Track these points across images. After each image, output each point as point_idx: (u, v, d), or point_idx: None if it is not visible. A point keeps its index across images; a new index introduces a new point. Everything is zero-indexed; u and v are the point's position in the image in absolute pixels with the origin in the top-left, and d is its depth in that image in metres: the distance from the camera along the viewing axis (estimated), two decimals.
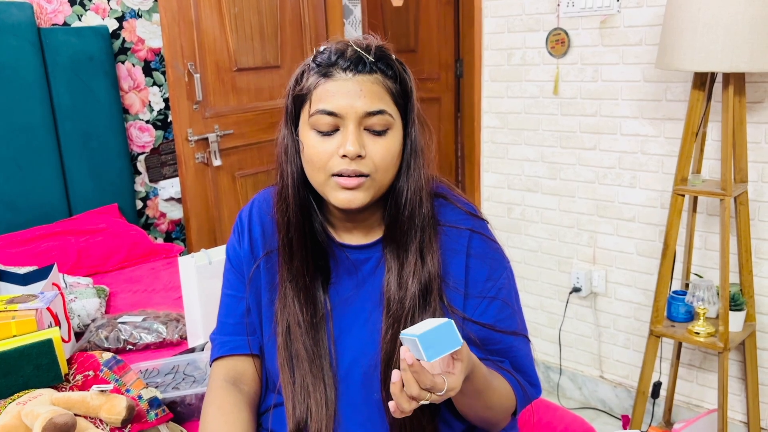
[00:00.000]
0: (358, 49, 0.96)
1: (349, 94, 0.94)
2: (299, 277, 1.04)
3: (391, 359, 1.01)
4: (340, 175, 0.96)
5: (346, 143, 0.94)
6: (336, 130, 0.96)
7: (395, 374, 0.85)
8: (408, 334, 0.85)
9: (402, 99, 0.99)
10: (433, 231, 1.03)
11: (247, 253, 1.11)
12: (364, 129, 0.96)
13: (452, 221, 1.05)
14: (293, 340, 1.04)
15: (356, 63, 0.95)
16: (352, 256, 1.06)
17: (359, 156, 0.95)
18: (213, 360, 1.14)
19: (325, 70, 0.96)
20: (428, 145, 1.03)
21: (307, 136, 0.98)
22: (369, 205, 1.00)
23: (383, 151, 0.96)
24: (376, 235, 1.07)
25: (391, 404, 0.87)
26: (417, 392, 0.83)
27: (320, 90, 0.96)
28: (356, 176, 0.95)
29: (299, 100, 1.00)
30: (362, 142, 0.95)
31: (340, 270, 1.07)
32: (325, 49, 0.99)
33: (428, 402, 0.85)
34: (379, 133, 0.96)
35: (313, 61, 0.99)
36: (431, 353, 0.82)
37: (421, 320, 1.01)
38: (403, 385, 0.84)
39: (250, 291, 1.11)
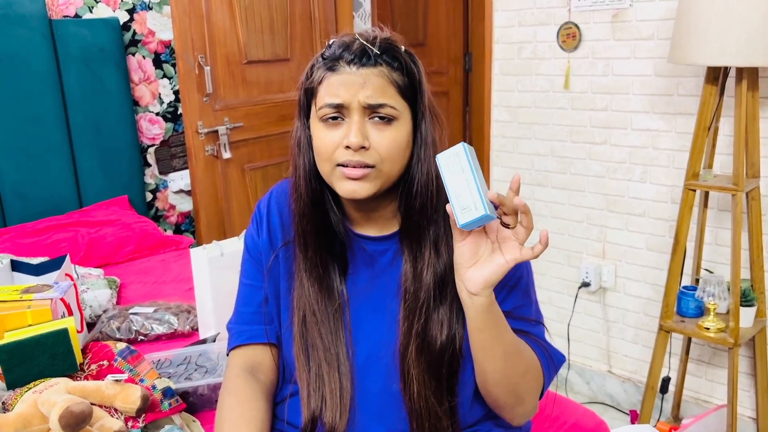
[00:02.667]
0: (363, 42, 0.97)
1: (352, 86, 0.95)
2: (314, 267, 1.05)
3: (407, 351, 1.01)
4: (345, 165, 0.97)
5: (350, 134, 0.95)
6: (342, 121, 0.97)
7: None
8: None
9: (410, 91, 0.99)
10: (449, 223, 1.03)
11: (266, 243, 1.12)
12: (369, 119, 0.97)
13: None
14: (309, 328, 1.05)
15: (360, 56, 0.96)
16: (369, 247, 1.07)
17: (363, 147, 0.95)
18: (230, 349, 1.15)
19: (331, 63, 0.97)
20: (441, 138, 1.04)
21: (316, 127, 0.99)
22: (376, 195, 1.00)
23: (388, 142, 0.96)
24: (393, 227, 1.07)
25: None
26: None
27: (326, 83, 0.97)
28: (361, 167, 0.96)
29: (309, 93, 1.01)
30: (366, 133, 0.96)
31: (357, 261, 1.07)
32: (332, 43, 1.00)
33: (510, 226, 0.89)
34: (385, 124, 0.97)
35: (321, 55, 1.00)
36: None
37: (437, 313, 1.01)
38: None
39: (269, 280, 1.11)
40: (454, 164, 0.89)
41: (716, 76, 2.10)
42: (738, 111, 2.04)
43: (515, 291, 1.05)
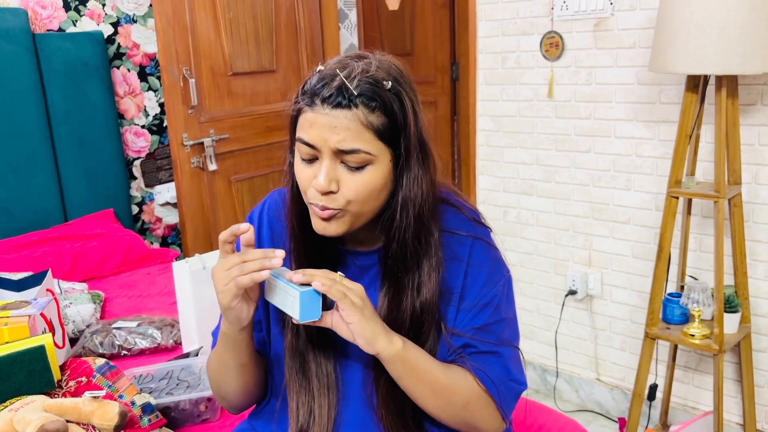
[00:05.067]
0: (344, 79, 0.92)
1: (323, 128, 0.92)
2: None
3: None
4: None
5: (319, 176, 0.93)
6: (316, 159, 0.95)
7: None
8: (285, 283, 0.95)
9: (390, 132, 0.95)
10: (435, 266, 1.02)
11: None
12: (341, 163, 0.94)
13: (455, 228, 1.05)
14: (301, 344, 1.05)
15: (336, 95, 0.91)
16: (358, 261, 1.07)
17: (331, 192, 0.94)
18: None
19: (308, 99, 0.94)
20: (433, 171, 1.00)
21: (296, 157, 0.99)
22: (351, 231, 0.99)
23: (358, 187, 0.94)
24: (380, 242, 1.07)
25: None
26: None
27: (302, 118, 0.95)
28: (327, 209, 0.95)
29: (294, 119, 0.99)
30: (335, 177, 0.93)
31: (347, 275, 1.07)
32: (317, 72, 0.96)
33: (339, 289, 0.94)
34: (356, 169, 0.94)
35: (304, 85, 0.97)
36: (304, 314, 0.94)
37: (417, 338, 1.02)
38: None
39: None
40: (269, 288, 0.97)
41: (696, 84, 2.12)
42: (718, 118, 2.06)
43: (486, 308, 1.04)
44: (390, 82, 0.94)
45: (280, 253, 0.93)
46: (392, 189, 0.99)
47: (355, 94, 0.91)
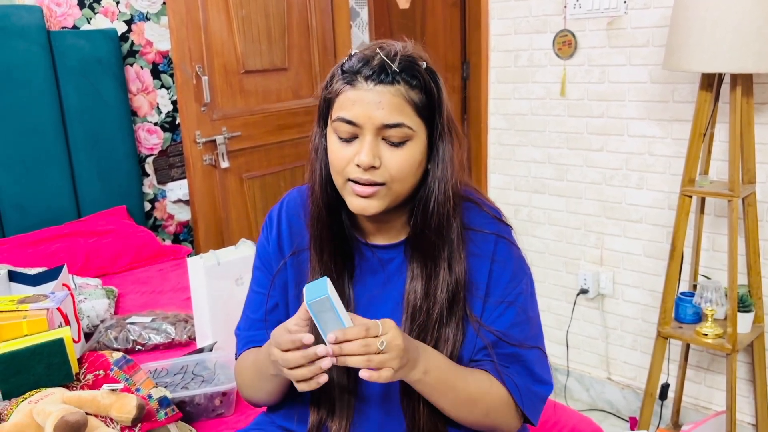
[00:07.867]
0: (384, 58, 0.95)
1: (368, 104, 0.94)
2: (328, 271, 1.06)
3: None
4: (355, 181, 0.97)
5: (361, 153, 0.95)
6: (355, 137, 0.97)
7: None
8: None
9: (427, 109, 0.98)
10: (462, 240, 1.03)
11: (275, 250, 1.13)
12: (383, 139, 0.96)
13: (478, 225, 1.06)
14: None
15: (379, 73, 0.95)
16: (378, 254, 1.08)
17: (373, 167, 0.95)
18: (238, 354, 1.17)
19: (350, 77, 0.96)
20: (459, 154, 1.03)
21: (330, 139, 1.00)
22: (387, 211, 1.00)
23: (400, 162, 0.96)
24: (401, 236, 1.08)
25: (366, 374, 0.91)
26: (365, 354, 0.89)
27: (342, 97, 0.97)
28: (370, 185, 0.96)
29: (327, 102, 1.01)
30: (377, 153, 0.96)
31: (364, 267, 1.08)
32: (354, 55, 0.99)
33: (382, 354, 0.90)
34: (397, 145, 0.96)
35: (341, 66, 0.99)
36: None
37: (447, 329, 1.02)
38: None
39: (277, 288, 1.12)
40: (322, 309, 0.91)
41: (711, 82, 2.11)
42: (733, 117, 2.05)
43: (512, 308, 1.04)
44: (425, 63, 0.99)
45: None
46: (424, 170, 1.01)
47: (397, 71, 0.95)
